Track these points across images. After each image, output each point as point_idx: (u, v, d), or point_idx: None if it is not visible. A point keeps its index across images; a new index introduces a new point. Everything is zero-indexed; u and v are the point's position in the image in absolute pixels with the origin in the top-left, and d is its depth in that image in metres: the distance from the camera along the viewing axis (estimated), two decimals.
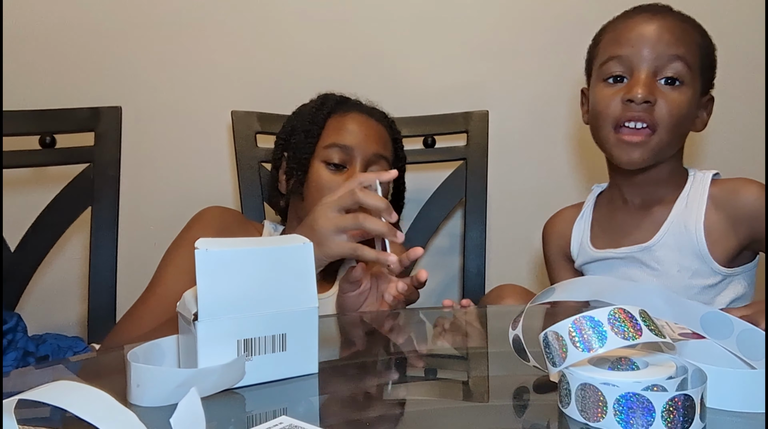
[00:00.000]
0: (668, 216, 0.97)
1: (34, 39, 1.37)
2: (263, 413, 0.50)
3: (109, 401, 0.39)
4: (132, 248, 1.30)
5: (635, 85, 0.92)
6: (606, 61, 0.97)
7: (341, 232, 0.81)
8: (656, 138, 0.93)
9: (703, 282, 0.95)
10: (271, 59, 1.41)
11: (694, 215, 0.95)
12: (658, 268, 0.97)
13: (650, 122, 0.92)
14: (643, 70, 0.93)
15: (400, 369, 0.63)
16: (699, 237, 0.94)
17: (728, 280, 0.96)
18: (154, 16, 1.39)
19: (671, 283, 0.96)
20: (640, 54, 0.93)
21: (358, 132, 1.04)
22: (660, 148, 0.94)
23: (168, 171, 1.42)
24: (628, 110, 0.93)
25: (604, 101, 0.96)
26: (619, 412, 0.44)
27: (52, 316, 1.37)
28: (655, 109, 0.92)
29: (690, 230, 0.95)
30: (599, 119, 0.97)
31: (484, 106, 1.34)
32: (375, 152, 1.04)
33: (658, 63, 0.93)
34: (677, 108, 0.93)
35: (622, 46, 0.95)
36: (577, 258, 1.08)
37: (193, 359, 0.54)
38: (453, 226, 1.44)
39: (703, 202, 0.95)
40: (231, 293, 0.54)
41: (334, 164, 1.02)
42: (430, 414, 0.52)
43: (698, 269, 0.95)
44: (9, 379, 0.61)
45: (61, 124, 1.14)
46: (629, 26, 0.96)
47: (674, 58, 0.93)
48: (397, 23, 1.42)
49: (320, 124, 1.06)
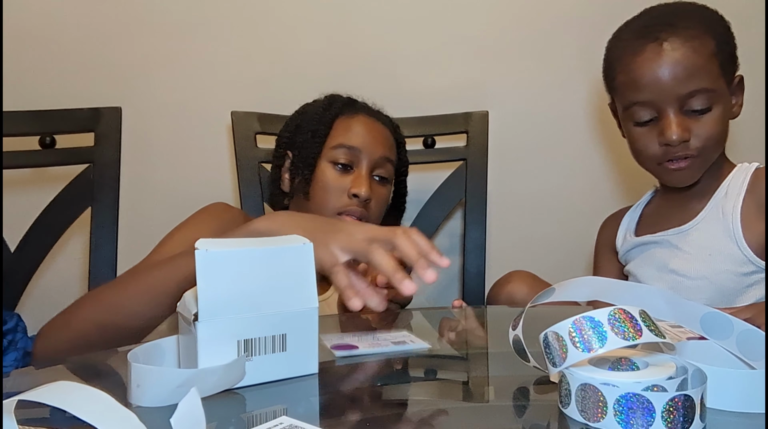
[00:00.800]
0: (708, 203, 1.00)
1: (34, 39, 1.37)
2: (263, 413, 0.50)
3: (109, 401, 0.39)
4: (132, 248, 1.30)
5: (667, 129, 0.94)
6: (630, 107, 0.98)
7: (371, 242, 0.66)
8: (699, 160, 0.97)
9: (734, 268, 0.95)
10: (271, 59, 1.41)
11: (731, 202, 0.98)
12: (690, 252, 0.98)
13: (689, 152, 0.95)
14: (670, 111, 0.94)
15: (400, 369, 0.63)
16: (735, 221, 0.96)
17: (760, 275, 0.95)
18: (154, 16, 1.39)
19: (701, 268, 0.97)
20: (661, 98, 0.94)
21: (366, 134, 1.05)
22: (706, 164, 0.98)
23: (168, 171, 1.42)
24: (668, 151, 0.96)
25: (641, 142, 0.99)
26: (619, 413, 0.44)
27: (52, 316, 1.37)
28: (691, 141, 0.95)
29: (726, 215, 0.97)
30: (641, 158, 1.01)
31: (484, 106, 1.35)
32: (382, 155, 1.06)
33: (681, 101, 0.94)
34: (713, 131, 0.95)
35: (641, 92, 0.95)
36: (620, 249, 1.11)
37: (193, 359, 0.54)
38: (453, 226, 1.44)
39: (743, 190, 0.98)
40: (231, 293, 0.54)
41: (341, 165, 1.03)
42: (430, 414, 0.52)
43: (730, 254, 0.95)
44: (9, 379, 0.61)
45: (61, 125, 1.14)
46: (641, 69, 0.95)
47: (695, 93, 0.93)
48: (397, 23, 1.42)
49: (328, 125, 1.06)
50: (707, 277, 0.96)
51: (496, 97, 1.41)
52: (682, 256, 0.99)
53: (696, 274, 0.97)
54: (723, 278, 0.95)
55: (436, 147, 1.34)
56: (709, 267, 0.96)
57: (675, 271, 0.99)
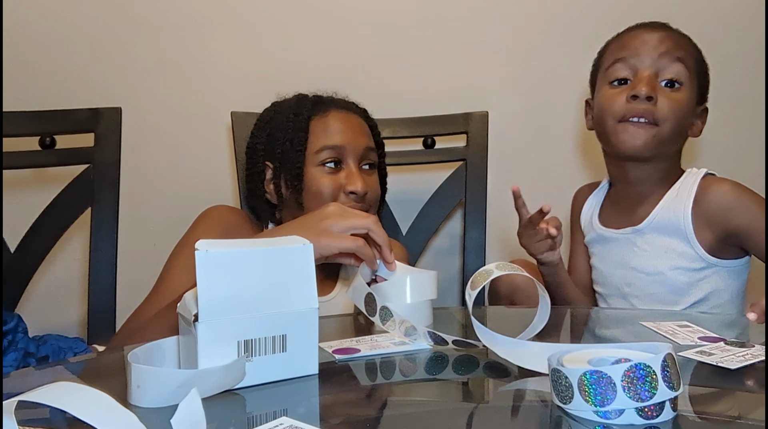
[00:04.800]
0: (659, 203, 1.05)
1: (34, 39, 1.37)
2: (263, 414, 0.50)
3: (109, 402, 0.39)
4: (132, 248, 1.30)
5: (639, 83, 1.00)
6: (612, 64, 1.04)
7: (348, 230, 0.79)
8: (658, 130, 1.00)
9: (687, 264, 1.02)
10: (271, 60, 1.41)
11: (683, 202, 1.03)
12: (647, 249, 1.05)
13: (652, 118, 1.00)
14: (646, 69, 1.01)
15: (400, 369, 0.63)
16: (686, 221, 1.01)
17: (711, 270, 1.02)
18: (154, 16, 1.39)
19: (658, 264, 1.04)
20: (643, 56, 1.02)
21: (345, 129, 1.04)
22: (661, 140, 1.02)
23: (168, 171, 1.42)
24: (632, 106, 1.00)
25: (609, 100, 1.04)
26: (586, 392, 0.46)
27: (52, 316, 1.37)
28: (657, 107, 1.00)
29: (678, 215, 1.02)
30: (604, 115, 1.05)
31: (484, 106, 1.35)
32: (366, 146, 1.04)
33: (660, 65, 1.01)
34: (677, 105, 1.01)
35: (627, 50, 1.03)
36: (586, 233, 1.18)
37: (193, 360, 0.54)
38: (453, 227, 1.44)
39: (693, 192, 1.03)
40: (231, 294, 0.54)
41: (330, 166, 1.02)
42: (430, 414, 0.52)
43: (683, 252, 1.02)
44: (9, 379, 0.61)
45: (61, 125, 1.14)
46: (633, 35, 1.05)
47: (675, 60, 1.01)
48: (397, 24, 1.42)
49: (304, 130, 1.03)
50: (663, 272, 1.03)
51: (496, 97, 1.42)
52: (640, 254, 1.06)
53: (653, 270, 1.04)
54: (677, 274, 1.02)
55: (436, 147, 1.34)
56: (664, 263, 1.03)
57: (634, 268, 1.06)
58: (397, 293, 0.75)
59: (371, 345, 0.67)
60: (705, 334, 0.70)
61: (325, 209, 0.81)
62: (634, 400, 0.45)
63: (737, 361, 0.60)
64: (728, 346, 0.65)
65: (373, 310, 0.70)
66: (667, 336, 0.69)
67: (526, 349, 0.61)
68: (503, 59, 1.42)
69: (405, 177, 1.38)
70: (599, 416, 0.46)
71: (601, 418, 0.46)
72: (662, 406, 0.46)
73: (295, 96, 1.12)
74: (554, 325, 0.82)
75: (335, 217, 0.79)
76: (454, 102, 1.37)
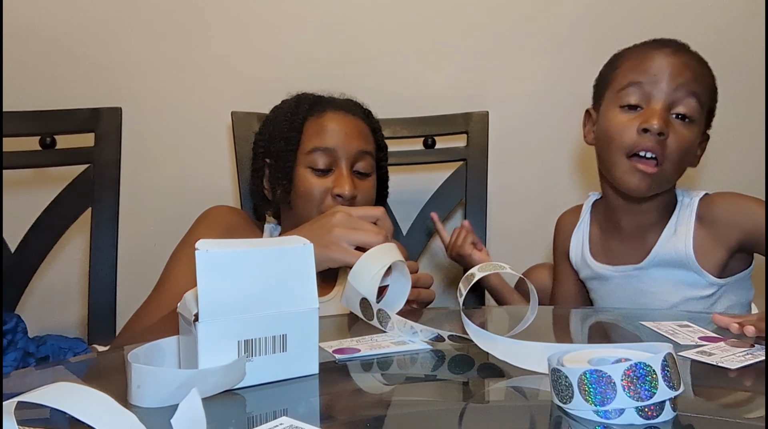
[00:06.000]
0: (658, 240, 1.00)
1: (34, 39, 1.37)
2: (264, 414, 0.50)
3: (109, 403, 0.39)
4: (132, 248, 1.30)
5: (651, 117, 0.93)
6: (625, 87, 0.97)
7: (357, 244, 0.78)
8: (662, 170, 0.95)
9: (699, 293, 0.99)
10: (271, 59, 1.41)
11: (683, 238, 0.99)
12: (655, 286, 1.01)
13: (660, 154, 0.94)
14: (660, 101, 0.94)
15: (400, 369, 0.63)
16: (689, 255, 0.98)
17: (724, 289, 0.99)
18: (154, 16, 1.39)
19: (670, 298, 1.00)
20: (659, 85, 0.94)
21: (339, 131, 1.02)
22: (665, 180, 0.97)
23: (168, 171, 1.42)
24: (642, 140, 0.94)
25: (619, 127, 0.97)
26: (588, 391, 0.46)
27: (52, 316, 1.37)
28: (666, 143, 0.94)
29: (680, 250, 0.98)
30: (612, 144, 0.98)
31: (484, 106, 1.35)
32: (359, 149, 1.02)
33: (675, 97, 0.94)
34: (686, 143, 0.95)
35: (643, 74, 0.96)
36: (579, 269, 1.11)
37: (193, 360, 0.54)
38: (453, 227, 1.44)
39: (691, 224, 0.99)
40: (231, 294, 0.54)
41: (320, 169, 1.01)
42: (430, 414, 0.52)
43: (693, 282, 0.99)
44: (9, 380, 0.61)
45: (61, 125, 1.14)
46: (652, 56, 0.97)
47: (690, 94, 0.94)
48: (397, 24, 1.42)
49: (298, 130, 1.03)
50: (676, 305, 1.00)
51: (496, 97, 1.42)
52: (648, 291, 1.02)
53: (665, 304, 1.00)
54: (691, 304, 0.99)
55: (436, 147, 1.34)
56: (675, 297, 1.00)
57: (644, 305, 1.02)
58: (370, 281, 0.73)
59: (371, 345, 0.67)
60: (705, 334, 0.70)
61: (333, 218, 0.79)
62: (634, 399, 0.45)
63: (737, 361, 0.60)
64: (728, 345, 0.65)
65: (371, 315, 0.70)
66: (667, 336, 0.69)
67: (526, 349, 0.61)
68: (503, 59, 1.42)
69: (405, 177, 1.38)
70: (599, 416, 0.46)
71: (601, 418, 0.46)
72: (662, 405, 0.46)
73: (298, 95, 1.11)
74: (554, 325, 0.82)
75: (344, 229, 0.77)
76: (454, 102, 1.37)
